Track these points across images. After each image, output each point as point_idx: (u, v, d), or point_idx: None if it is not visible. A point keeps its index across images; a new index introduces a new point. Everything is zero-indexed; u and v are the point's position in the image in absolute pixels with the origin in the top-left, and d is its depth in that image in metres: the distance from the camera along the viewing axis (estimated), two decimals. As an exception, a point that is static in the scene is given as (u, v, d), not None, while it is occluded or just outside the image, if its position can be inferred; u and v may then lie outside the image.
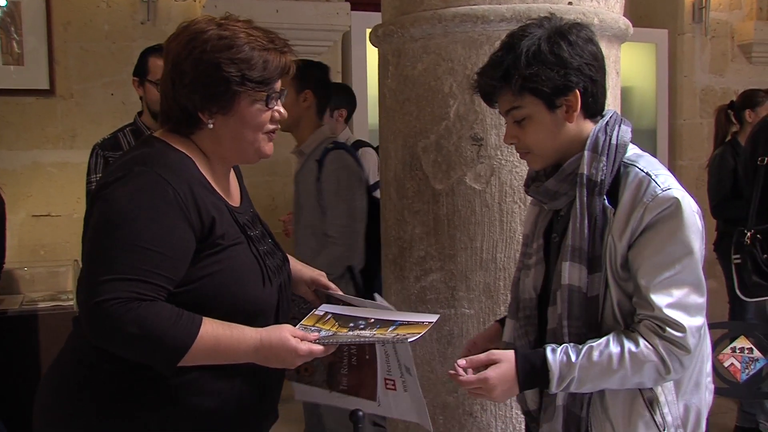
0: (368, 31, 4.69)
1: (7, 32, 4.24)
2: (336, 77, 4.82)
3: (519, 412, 2.18)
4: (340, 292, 1.85)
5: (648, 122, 5.66)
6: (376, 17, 4.96)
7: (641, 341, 1.49)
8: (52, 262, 4.29)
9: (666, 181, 1.53)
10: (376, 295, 1.89)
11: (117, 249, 1.45)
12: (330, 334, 1.59)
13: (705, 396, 1.64)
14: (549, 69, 1.54)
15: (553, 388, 1.52)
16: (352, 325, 1.62)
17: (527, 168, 2.12)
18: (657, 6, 5.73)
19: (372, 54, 2.58)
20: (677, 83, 5.69)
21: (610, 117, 1.63)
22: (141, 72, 3.19)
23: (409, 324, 1.60)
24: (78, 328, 1.64)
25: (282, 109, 1.66)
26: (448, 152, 2.17)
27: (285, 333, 1.53)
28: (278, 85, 1.64)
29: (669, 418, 1.56)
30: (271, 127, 1.65)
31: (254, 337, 1.51)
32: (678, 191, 1.52)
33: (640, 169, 1.56)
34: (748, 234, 3.73)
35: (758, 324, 3.61)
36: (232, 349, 1.50)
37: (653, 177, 1.53)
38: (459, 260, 2.18)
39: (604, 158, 1.57)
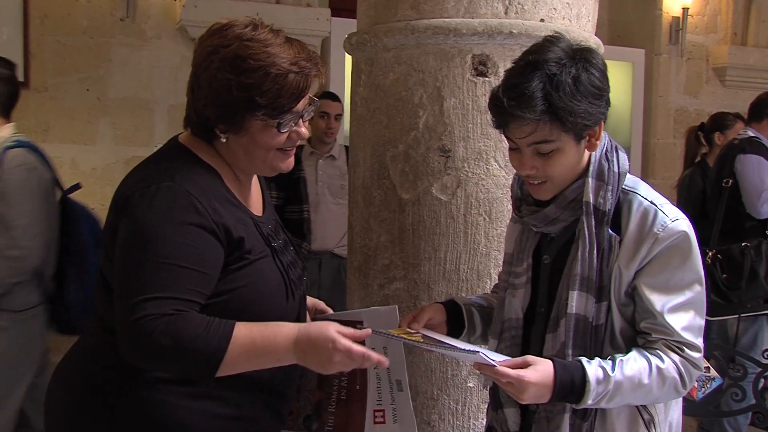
0: (348, 38, 4.75)
1: (-17, 23, 4.21)
2: (314, 82, 4.84)
3: (477, 423, 2.20)
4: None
5: (622, 140, 5.73)
6: (356, 24, 4.99)
7: (665, 357, 1.53)
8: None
9: (672, 212, 1.57)
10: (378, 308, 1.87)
11: (148, 267, 1.42)
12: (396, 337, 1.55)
13: (680, 409, 1.70)
14: (591, 103, 1.52)
15: (589, 401, 1.49)
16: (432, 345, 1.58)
17: (493, 181, 2.17)
18: (635, 26, 5.81)
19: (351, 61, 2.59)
20: (652, 103, 5.78)
21: (608, 143, 1.64)
22: None
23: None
24: (91, 327, 1.64)
25: (302, 129, 1.61)
26: (416, 162, 2.19)
27: (327, 325, 1.48)
28: (300, 105, 1.57)
29: None
30: (287, 145, 1.60)
31: (292, 328, 1.46)
32: (684, 221, 1.57)
33: (642, 197, 1.59)
34: (710, 254, 3.82)
35: (718, 345, 3.66)
36: (270, 345, 1.44)
37: (659, 206, 1.57)
38: (422, 270, 2.20)
39: (611, 187, 1.58)
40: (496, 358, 1.54)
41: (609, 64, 1.68)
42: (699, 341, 1.56)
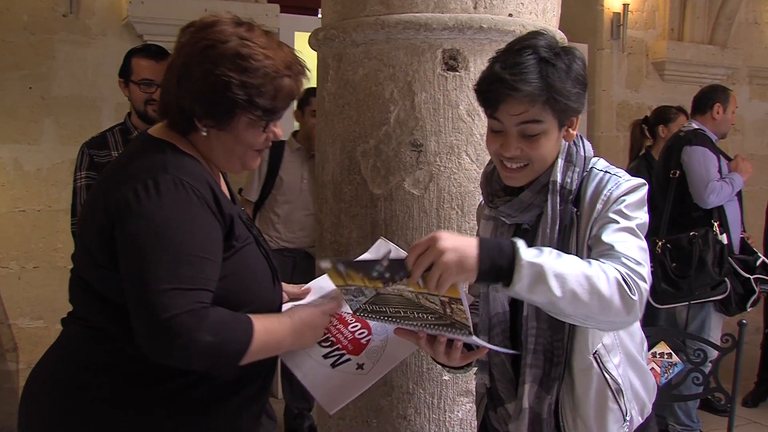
0: (297, 33, 4.72)
1: None
2: (263, 79, 4.78)
3: (452, 416, 2.22)
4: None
5: (567, 134, 5.83)
6: (304, 20, 4.96)
7: (600, 259, 1.49)
8: (-39, 260, 4.11)
9: (625, 174, 1.63)
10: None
11: (170, 260, 1.41)
12: (370, 293, 1.49)
13: (638, 378, 1.68)
14: (578, 91, 1.59)
15: (522, 264, 1.38)
16: (375, 274, 1.43)
17: (465, 175, 2.18)
18: (578, 22, 5.91)
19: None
20: (595, 96, 5.90)
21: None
22: (125, 73, 3.13)
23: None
24: (71, 330, 1.60)
25: (278, 130, 1.63)
26: (388, 157, 2.19)
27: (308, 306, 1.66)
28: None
29: (629, 405, 1.63)
30: (264, 145, 1.63)
31: (287, 315, 1.60)
32: (639, 179, 1.61)
33: (599, 169, 1.65)
34: (659, 243, 3.93)
35: (673, 330, 3.77)
36: (279, 333, 1.54)
37: (613, 173, 1.63)
38: (396, 265, 2.20)
39: (578, 169, 1.64)
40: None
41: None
42: (638, 257, 1.49)
